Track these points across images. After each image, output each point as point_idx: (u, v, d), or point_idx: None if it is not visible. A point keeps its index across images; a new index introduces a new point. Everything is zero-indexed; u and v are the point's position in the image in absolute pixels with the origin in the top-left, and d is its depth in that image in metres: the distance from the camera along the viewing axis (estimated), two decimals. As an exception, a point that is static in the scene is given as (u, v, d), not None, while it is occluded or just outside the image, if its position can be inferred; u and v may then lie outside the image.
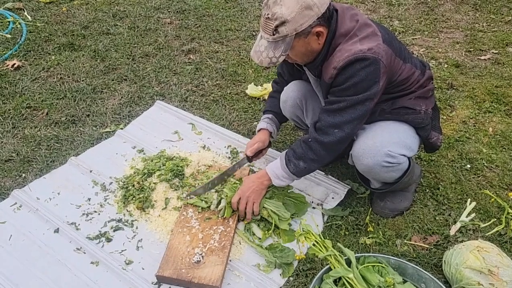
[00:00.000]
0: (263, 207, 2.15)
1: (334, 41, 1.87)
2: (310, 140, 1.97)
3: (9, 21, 3.99)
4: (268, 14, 1.77)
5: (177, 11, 4.38)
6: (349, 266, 1.76)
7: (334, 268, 1.74)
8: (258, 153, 2.35)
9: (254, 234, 2.15)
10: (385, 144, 1.97)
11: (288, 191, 2.30)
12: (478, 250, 1.85)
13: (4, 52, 3.58)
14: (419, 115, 2.06)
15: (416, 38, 3.90)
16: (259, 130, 2.37)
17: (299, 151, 2.00)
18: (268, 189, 2.20)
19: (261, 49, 1.85)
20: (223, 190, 2.25)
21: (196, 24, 4.15)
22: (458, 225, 2.18)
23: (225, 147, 2.70)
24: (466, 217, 2.21)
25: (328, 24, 1.84)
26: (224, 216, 2.16)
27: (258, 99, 3.14)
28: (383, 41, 1.82)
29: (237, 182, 2.28)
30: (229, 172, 2.32)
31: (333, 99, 1.90)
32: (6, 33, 3.81)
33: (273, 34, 1.79)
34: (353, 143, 2.07)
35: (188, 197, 2.27)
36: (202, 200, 2.24)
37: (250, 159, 2.32)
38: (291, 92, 2.30)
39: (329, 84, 1.91)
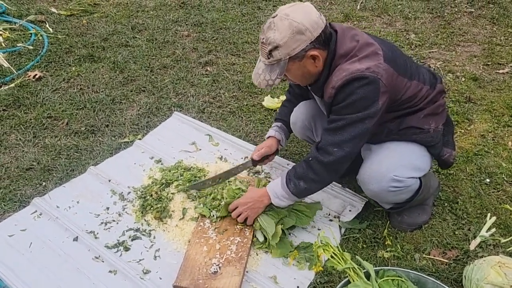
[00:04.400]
0: (256, 219, 2.13)
1: (334, 62, 1.87)
2: (310, 159, 1.95)
3: (31, 33, 4.09)
4: (263, 38, 1.83)
5: (195, 24, 4.44)
6: (368, 280, 1.74)
7: (353, 281, 1.73)
8: (264, 158, 2.36)
9: (257, 240, 2.16)
10: (391, 169, 1.95)
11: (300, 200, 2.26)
12: (499, 266, 1.82)
13: (26, 63, 3.67)
14: (428, 133, 2.02)
15: (433, 52, 3.89)
16: (268, 137, 2.39)
17: (300, 170, 1.97)
18: None
19: (259, 72, 1.91)
20: (223, 192, 2.29)
21: (213, 37, 4.21)
22: (478, 240, 2.14)
23: (241, 158, 2.71)
24: (486, 232, 2.17)
25: (324, 47, 1.85)
26: (220, 215, 2.20)
27: (274, 111, 3.16)
28: (384, 60, 1.81)
29: (239, 187, 2.30)
30: (233, 172, 2.33)
31: (333, 118, 1.90)
32: (28, 45, 3.90)
33: (268, 58, 1.85)
34: (359, 168, 2.06)
35: (188, 189, 2.32)
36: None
37: (255, 163, 2.34)
38: (300, 114, 2.35)
39: (330, 103, 1.91)
